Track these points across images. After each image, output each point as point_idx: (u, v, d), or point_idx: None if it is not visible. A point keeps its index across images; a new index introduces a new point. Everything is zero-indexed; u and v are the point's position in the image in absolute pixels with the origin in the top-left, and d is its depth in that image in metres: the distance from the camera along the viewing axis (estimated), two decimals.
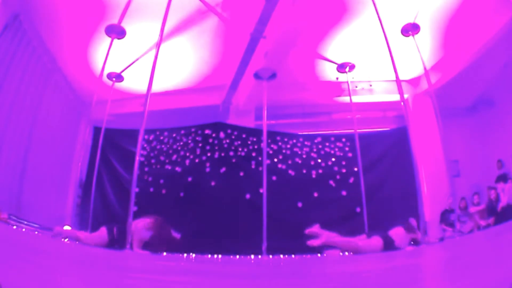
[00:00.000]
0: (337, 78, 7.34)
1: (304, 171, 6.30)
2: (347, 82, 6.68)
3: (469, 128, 7.91)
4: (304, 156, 6.45)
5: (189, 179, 5.98)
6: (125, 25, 5.49)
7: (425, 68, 6.52)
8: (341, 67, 6.63)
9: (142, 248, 4.01)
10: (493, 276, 1.08)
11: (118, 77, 6.46)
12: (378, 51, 6.36)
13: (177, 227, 5.53)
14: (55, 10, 5.53)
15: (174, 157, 6.24)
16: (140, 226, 4.10)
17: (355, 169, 5.92)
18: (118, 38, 5.55)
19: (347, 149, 6.52)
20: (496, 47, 5.79)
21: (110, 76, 6.36)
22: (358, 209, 5.71)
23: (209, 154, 6.14)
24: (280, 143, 6.49)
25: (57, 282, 1.02)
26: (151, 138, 6.41)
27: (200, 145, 6.22)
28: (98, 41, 5.99)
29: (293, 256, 4.43)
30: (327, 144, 6.61)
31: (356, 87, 7.48)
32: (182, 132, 6.44)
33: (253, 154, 6.26)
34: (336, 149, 6.57)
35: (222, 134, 6.29)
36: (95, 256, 2.48)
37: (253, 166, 6.17)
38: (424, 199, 5.95)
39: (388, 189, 6.24)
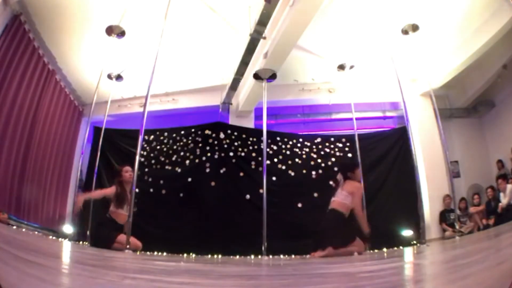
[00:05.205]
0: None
1: (304, 172, 6.30)
2: (347, 81, 6.69)
3: (469, 128, 7.91)
4: (304, 157, 6.45)
5: (189, 179, 5.98)
6: (125, 25, 5.49)
7: (425, 68, 6.52)
8: (341, 67, 6.63)
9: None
10: (493, 276, 1.08)
11: (118, 77, 6.46)
12: (378, 51, 6.37)
13: (177, 227, 5.55)
14: (55, 10, 5.53)
15: (174, 157, 6.24)
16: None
17: None
18: (118, 38, 5.56)
19: (347, 149, 6.52)
20: (496, 47, 5.79)
21: (110, 76, 6.36)
22: None
23: (209, 155, 6.14)
24: (280, 143, 6.49)
25: (57, 282, 1.02)
26: (151, 138, 6.41)
27: (200, 145, 6.22)
28: (98, 41, 5.98)
29: (293, 256, 4.43)
30: (327, 144, 6.61)
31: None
32: (182, 132, 6.44)
33: (253, 155, 6.26)
34: (336, 150, 6.57)
35: (222, 134, 6.29)
36: (95, 256, 2.48)
37: (253, 166, 6.17)
38: (424, 199, 5.95)
39: (388, 189, 6.24)
